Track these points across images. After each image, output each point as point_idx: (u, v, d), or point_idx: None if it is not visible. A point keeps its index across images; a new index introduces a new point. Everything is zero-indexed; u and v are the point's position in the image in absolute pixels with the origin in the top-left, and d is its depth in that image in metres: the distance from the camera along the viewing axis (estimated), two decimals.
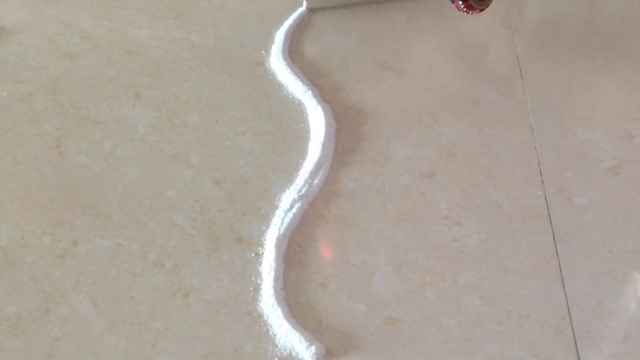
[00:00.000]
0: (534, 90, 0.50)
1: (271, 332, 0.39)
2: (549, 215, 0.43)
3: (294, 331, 0.39)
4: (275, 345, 0.38)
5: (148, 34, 0.57)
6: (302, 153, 0.48)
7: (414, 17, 0.57)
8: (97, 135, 0.49)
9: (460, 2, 0.50)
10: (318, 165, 0.46)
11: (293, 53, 0.55)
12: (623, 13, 0.55)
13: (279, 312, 0.40)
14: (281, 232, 0.43)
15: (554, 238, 0.42)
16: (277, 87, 0.52)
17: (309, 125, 0.49)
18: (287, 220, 0.44)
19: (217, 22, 0.57)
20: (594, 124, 0.48)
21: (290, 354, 0.38)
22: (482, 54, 0.53)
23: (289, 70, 0.53)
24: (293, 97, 0.51)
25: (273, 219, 0.44)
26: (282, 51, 0.54)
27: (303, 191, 0.45)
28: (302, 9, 0.58)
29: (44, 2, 0.61)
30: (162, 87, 0.52)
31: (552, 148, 0.47)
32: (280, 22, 0.57)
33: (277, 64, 0.53)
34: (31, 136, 0.49)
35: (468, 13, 0.51)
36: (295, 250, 0.43)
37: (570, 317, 0.39)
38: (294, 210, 0.44)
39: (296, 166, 0.47)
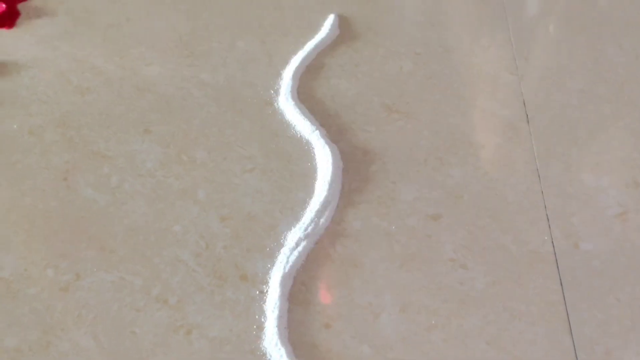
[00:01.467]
0: (540, 135, 0.51)
1: None
2: (556, 260, 0.43)
3: None
4: None
5: (159, 72, 0.57)
6: (309, 192, 0.48)
7: (421, 63, 0.58)
8: (105, 170, 0.49)
9: None
10: (325, 205, 0.46)
11: (301, 93, 0.55)
12: (628, 63, 0.56)
13: (282, 351, 0.39)
14: (286, 271, 0.43)
15: (561, 284, 0.42)
16: (285, 126, 0.52)
17: (316, 164, 0.50)
18: (292, 258, 0.44)
19: (228, 62, 0.58)
20: (600, 171, 0.48)
21: None
22: (488, 99, 0.54)
23: (297, 110, 0.53)
24: (301, 136, 0.51)
25: (278, 257, 0.44)
26: (291, 91, 0.55)
27: (309, 230, 0.45)
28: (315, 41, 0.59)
29: (58, 38, 0.61)
30: (172, 123, 0.53)
31: (559, 193, 0.47)
32: (289, 63, 0.58)
33: (286, 104, 0.54)
34: (39, 169, 0.49)
35: None
36: (299, 289, 0.42)
37: None
38: (300, 248, 0.44)
39: (303, 205, 0.47)
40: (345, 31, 0.61)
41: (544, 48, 0.59)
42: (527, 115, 0.52)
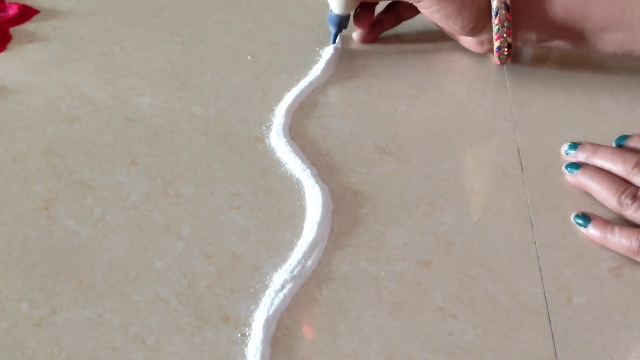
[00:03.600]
0: (534, 184, 0.50)
1: None
2: (548, 314, 0.42)
3: None
4: None
5: (150, 103, 0.56)
6: (297, 232, 0.46)
7: (416, 106, 0.57)
8: (88, 200, 0.48)
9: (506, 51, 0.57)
10: (312, 246, 0.45)
11: (293, 131, 0.54)
12: (624, 115, 0.56)
13: None
14: (270, 313, 0.42)
15: (552, 338, 0.41)
16: (275, 163, 0.51)
17: (305, 204, 0.48)
18: (277, 301, 0.42)
19: (220, 96, 0.58)
20: None
21: None
22: (482, 145, 0.53)
23: (288, 147, 0.52)
24: (291, 174, 0.50)
25: (263, 299, 0.42)
26: (283, 128, 0.54)
27: (295, 272, 0.44)
28: (331, 50, 0.62)
29: (49, 65, 0.61)
30: (159, 156, 0.52)
31: (552, 244, 0.46)
32: (282, 100, 0.57)
33: (277, 141, 0.53)
34: (20, 197, 0.48)
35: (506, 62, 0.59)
36: (283, 334, 0.41)
37: None
38: (285, 291, 0.43)
39: (290, 245, 0.46)
40: (340, 70, 0.61)
41: (540, 96, 0.58)
42: (521, 163, 0.52)
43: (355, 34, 0.64)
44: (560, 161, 0.52)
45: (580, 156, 0.50)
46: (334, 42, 0.62)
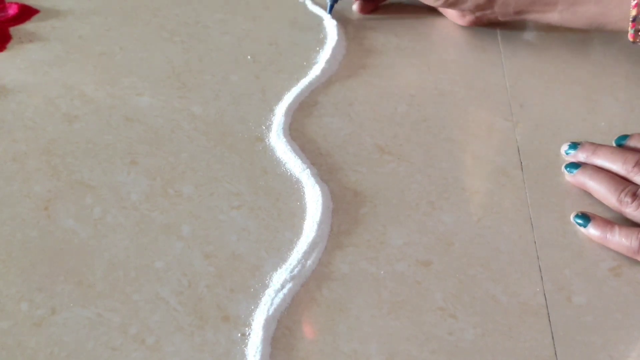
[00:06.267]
0: (534, 184, 0.50)
1: None
2: (548, 314, 0.42)
3: None
4: None
5: (149, 102, 0.56)
6: (297, 232, 0.46)
7: (416, 105, 0.57)
8: (87, 200, 0.48)
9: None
10: (312, 246, 0.45)
11: (293, 130, 0.54)
12: (623, 115, 0.56)
13: None
14: (270, 313, 0.42)
15: (552, 338, 0.41)
16: (275, 163, 0.51)
17: (305, 204, 0.48)
18: (277, 300, 0.42)
19: (220, 96, 0.58)
20: None
21: None
22: (482, 145, 0.53)
23: (288, 147, 0.52)
24: (291, 174, 0.50)
25: (262, 299, 0.42)
26: (283, 128, 0.54)
27: (295, 271, 0.44)
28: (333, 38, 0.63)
29: (48, 64, 0.61)
30: (159, 155, 0.52)
31: (552, 244, 0.46)
32: (282, 100, 0.57)
33: (277, 141, 0.53)
34: (20, 197, 0.48)
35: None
36: (283, 333, 0.41)
37: None
38: (285, 290, 0.43)
39: (290, 245, 0.46)
40: (340, 70, 0.61)
41: (540, 96, 0.58)
42: (521, 162, 0.52)
43: (355, 4, 0.66)
44: (560, 161, 0.52)
45: (580, 156, 0.50)
46: (329, 12, 0.65)
